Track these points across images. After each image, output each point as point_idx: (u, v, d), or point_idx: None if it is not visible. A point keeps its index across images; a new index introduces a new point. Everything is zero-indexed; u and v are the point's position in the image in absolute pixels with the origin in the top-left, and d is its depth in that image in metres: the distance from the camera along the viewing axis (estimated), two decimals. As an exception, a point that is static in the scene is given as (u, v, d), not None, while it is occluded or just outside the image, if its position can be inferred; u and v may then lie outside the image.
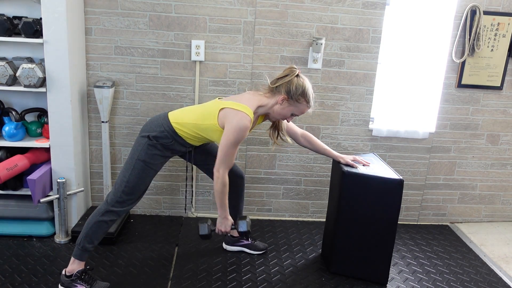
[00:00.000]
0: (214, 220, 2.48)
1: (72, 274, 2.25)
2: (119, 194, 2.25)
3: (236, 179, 2.61)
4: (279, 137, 2.49)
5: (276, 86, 2.28)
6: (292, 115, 2.33)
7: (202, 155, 2.53)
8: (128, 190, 2.25)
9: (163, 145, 2.28)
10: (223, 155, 2.22)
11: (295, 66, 2.31)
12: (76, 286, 2.25)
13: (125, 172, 2.26)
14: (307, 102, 2.29)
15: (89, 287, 2.26)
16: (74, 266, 2.26)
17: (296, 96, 2.26)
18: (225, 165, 2.24)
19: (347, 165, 2.51)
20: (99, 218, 2.25)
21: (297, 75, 2.28)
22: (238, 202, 2.69)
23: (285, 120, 2.44)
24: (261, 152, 3.16)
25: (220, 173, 2.25)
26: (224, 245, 2.80)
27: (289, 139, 2.51)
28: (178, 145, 2.32)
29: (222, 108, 2.22)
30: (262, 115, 2.40)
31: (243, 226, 2.41)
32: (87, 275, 2.29)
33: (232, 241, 2.77)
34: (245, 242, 2.78)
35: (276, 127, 2.48)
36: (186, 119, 2.29)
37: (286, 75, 2.28)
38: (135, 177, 2.25)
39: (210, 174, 2.62)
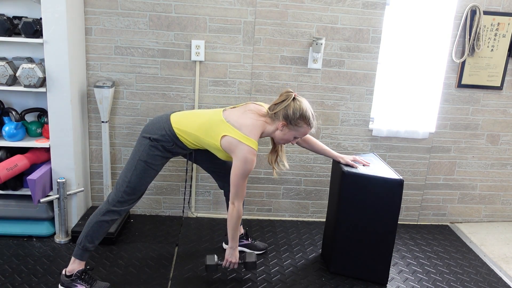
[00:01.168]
0: (220, 255, 2.52)
1: (72, 274, 2.25)
2: (120, 194, 2.25)
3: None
4: (277, 162, 2.47)
5: (275, 113, 2.26)
6: (295, 138, 2.33)
7: (203, 154, 2.53)
8: (130, 190, 2.26)
9: (164, 147, 2.28)
10: (235, 189, 2.24)
11: (290, 90, 2.29)
12: (76, 286, 2.25)
13: (126, 172, 2.27)
14: (308, 124, 2.26)
15: (89, 287, 2.27)
16: (74, 266, 2.26)
17: (294, 121, 2.23)
18: (239, 197, 2.27)
19: (347, 165, 2.52)
20: (100, 218, 2.25)
21: (294, 98, 2.24)
22: None
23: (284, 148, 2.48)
24: (261, 152, 3.15)
25: (236, 205, 2.27)
26: (224, 245, 2.80)
27: (286, 165, 2.49)
28: (179, 148, 2.33)
29: (226, 135, 2.20)
30: None
31: (251, 257, 2.45)
32: (87, 275, 2.29)
33: None
34: (245, 242, 2.78)
35: (276, 151, 2.46)
36: (188, 128, 2.28)
37: (283, 100, 2.25)
38: (137, 177, 2.25)
39: (212, 174, 2.62)
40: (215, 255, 2.46)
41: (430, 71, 3.08)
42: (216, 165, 2.57)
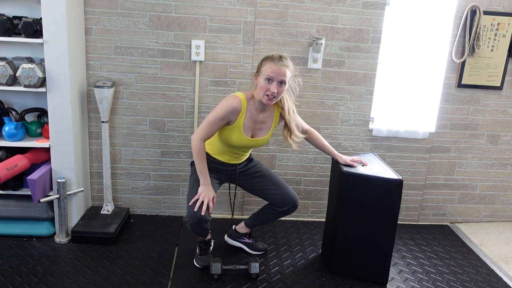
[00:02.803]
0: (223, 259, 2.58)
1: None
2: None
3: (285, 204, 2.55)
4: (292, 138, 2.46)
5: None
6: (268, 80, 2.25)
7: (248, 178, 2.61)
8: None
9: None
10: (204, 124, 2.32)
11: None
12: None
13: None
14: (270, 60, 2.28)
15: (203, 254, 2.59)
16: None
17: (259, 67, 2.34)
18: (201, 134, 2.31)
19: (346, 164, 2.52)
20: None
21: None
22: (264, 218, 2.71)
23: (294, 117, 2.47)
24: (261, 152, 3.15)
25: (194, 138, 2.32)
26: (226, 237, 2.81)
27: (299, 134, 2.47)
28: (215, 164, 2.49)
29: None
30: (277, 108, 2.45)
31: (255, 268, 2.47)
32: (206, 247, 2.58)
33: (235, 235, 2.78)
34: (246, 240, 2.78)
35: (287, 127, 2.46)
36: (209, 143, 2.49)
37: None
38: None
39: (257, 192, 2.63)
40: (220, 263, 2.45)
41: (430, 71, 3.08)
42: (258, 184, 2.60)
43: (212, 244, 2.67)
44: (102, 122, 2.89)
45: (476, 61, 3.11)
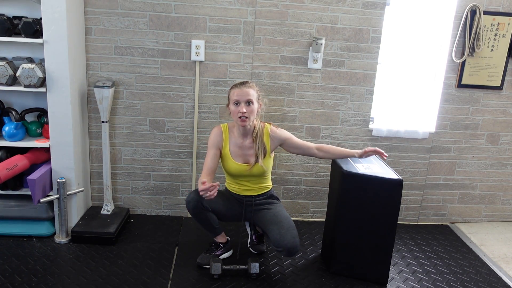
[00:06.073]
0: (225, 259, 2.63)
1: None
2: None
3: (280, 245, 2.41)
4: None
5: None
6: (236, 104, 2.45)
7: (258, 212, 2.64)
8: None
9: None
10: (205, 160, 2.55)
11: None
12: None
13: None
14: (232, 87, 2.50)
15: (209, 252, 2.64)
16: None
17: (228, 96, 2.52)
18: (204, 167, 2.49)
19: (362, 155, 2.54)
20: None
21: None
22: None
23: (292, 141, 2.58)
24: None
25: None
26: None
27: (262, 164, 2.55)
28: (231, 196, 2.63)
29: None
30: (266, 131, 2.56)
31: (255, 268, 2.48)
32: (214, 248, 2.66)
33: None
34: (253, 234, 2.80)
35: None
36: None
37: None
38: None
39: (266, 232, 2.58)
40: (220, 263, 2.46)
41: (430, 71, 3.08)
42: (263, 217, 2.60)
43: (223, 250, 2.69)
44: (102, 122, 2.89)
45: (476, 61, 3.11)
